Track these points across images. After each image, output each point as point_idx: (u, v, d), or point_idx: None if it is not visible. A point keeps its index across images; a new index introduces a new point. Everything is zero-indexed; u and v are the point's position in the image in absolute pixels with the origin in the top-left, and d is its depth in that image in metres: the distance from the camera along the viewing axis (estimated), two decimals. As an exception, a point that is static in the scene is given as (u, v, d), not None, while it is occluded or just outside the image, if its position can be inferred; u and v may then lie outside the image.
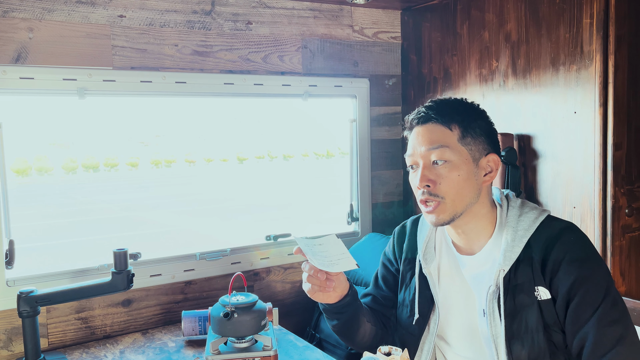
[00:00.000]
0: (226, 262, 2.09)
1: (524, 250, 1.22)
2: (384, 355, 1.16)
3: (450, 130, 1.24)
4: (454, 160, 1.22)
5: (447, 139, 1.23)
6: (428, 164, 1.24)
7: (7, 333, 1.73)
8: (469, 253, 1.31)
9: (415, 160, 1.26)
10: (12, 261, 1.73)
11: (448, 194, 1.22)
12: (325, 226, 2.50)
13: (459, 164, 1.22)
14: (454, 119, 1.25)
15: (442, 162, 1.22)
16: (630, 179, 1.73)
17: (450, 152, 1.22)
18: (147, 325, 1.96)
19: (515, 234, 1.24)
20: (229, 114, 18.75)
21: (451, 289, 1.34)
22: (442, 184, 1.22)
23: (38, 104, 11.37)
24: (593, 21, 1.70)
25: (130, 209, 10.84)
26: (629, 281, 1.76)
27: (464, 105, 1.30)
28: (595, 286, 1.15)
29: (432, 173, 1.23)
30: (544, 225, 1.23)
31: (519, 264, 1.22)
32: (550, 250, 1.19)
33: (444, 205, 1.23)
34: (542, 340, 1.19)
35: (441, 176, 1.22)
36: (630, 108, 1.72)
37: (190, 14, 1.97)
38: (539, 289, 1.20)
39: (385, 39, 2.43)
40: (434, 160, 1.23)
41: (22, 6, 1.70)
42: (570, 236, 1.20)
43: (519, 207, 1.28)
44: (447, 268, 1.35)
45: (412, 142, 1.28)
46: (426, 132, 1.25)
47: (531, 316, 1.19)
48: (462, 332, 1.32)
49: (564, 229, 1.21)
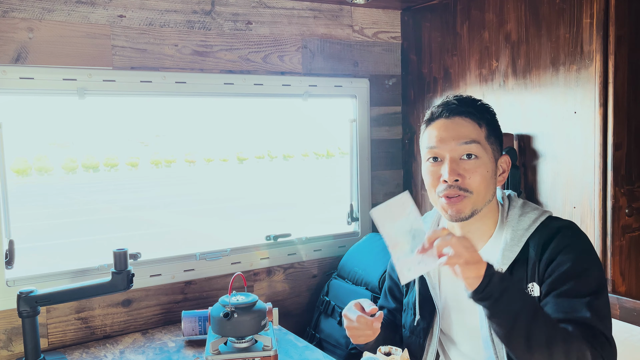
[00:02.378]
0: (226, 262, 2.09)
1: (522, 250, 1.22)
2: (384, 355, 1.16)
3: (480, 128, 1.24)
4: (483, 157, 1.22)
5: (478, 135, 1.23)
6: (456, 158, 1.22)
7: (7, 333, 1.73)
8: None
9: (440, 153, 1.24)
10: (12, 261, 1.73)
11: (476, 189, 1.21)
12: (325, 226, 2.50)
13: (487, 161, 1.23)
14: (484, 116, 1.25)
15: (473, 157, 1.21)
16: (630, 179, 1.73)
17: (481, 148, 1.22)
18: (147, 325, 1.96)
19: (514, 233, 1.24)
20: (229, 114, 18.74)
21: (454, 291, 1.33)
22: (471, 179, 1.21)
23: (38, 104, 11.36)
24: (593, 21, 1.70)
25: (130, 209, 10.83)
26: (629, 281, 1.76)
27: (487, 105, 1.29)
28: (585, 281, 1.14)
29: (460, 167, 1.21)
30: (544, 225, 1.23)
31: (516, 263, 1.22)
32: (546, 248, 1.19)
33: (469, 200, 1.21)
34: None
35: (470, 171, 1.21)
36: (630, 108, 1.72)
37: (190, 14, 1.97)
38: (533, 285, 1.20)
39: (385, 39, 2.43)
40: (463, 155, 1.22)
41: (22, 6, 1.70)
42: (568, 232, 1.20)
43: (520, 207, 1.28)
44: (449, 269, 1.34)
45: (437, 133, 1.24)
46: (456, 126, 1.23)
47: None
48: (465, 332, 1.32)
49: (562, 227, 1.21)
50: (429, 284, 1.36)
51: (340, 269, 2.21)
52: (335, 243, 2.34)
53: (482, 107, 1.27)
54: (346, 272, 2.15)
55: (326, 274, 2.29)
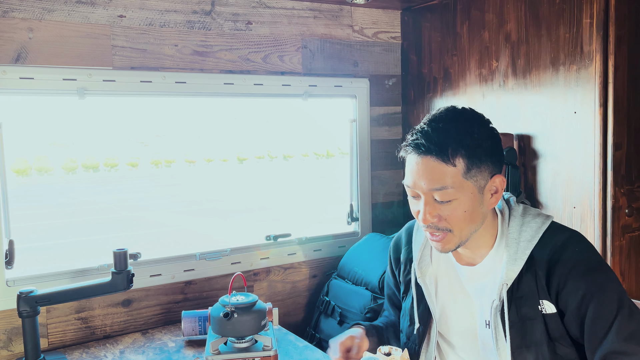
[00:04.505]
0: (226, 262, 2.09)
1: (527, 262, 1.18)
2: (384, 355, 1.16)
3: (455, 167, 1.11)
4: (459, 198, 1.13)
5: (450, 178, 1.12)
6: (430, 200, 1.15)
7: (7, 333, 1.73)
8: (469, 263, 1.28)
9: (416, 193, 1.17)
10: (12, 261, 1.73)
11: (456, 227, 1.16)
12: (325, 226, 2.50)
13: (464, 200, 1.14)
14: (457, 152, 1.11)
15: (446, 202, 1.14)
16: (630, 179, 1.73)
17: (454, 191, 1.12)
18: (147, 325, 1.96)
19: (517, 246, 1.19)
20: (229, 114, 18.73)
21: (451, 299, 1.32)
22: (448, 220, 1.15)
23: (38, 104, 11.36)
24: (593, 21, 1.70)
25: (130, 209, 10.83)
26: (629, 281, 1.76)
27: (468, 125, 1.15)
28: (606, 299, 1.10)
29: (435, 209, 1.14)
30: (547, 236, 1.18)
31: (522, 276, 1.18)
32: (555, 263, 1.15)
33: (451, 236, 1.17)
34: (547, 354, 1.16)
35: (446, 211, 1.14)
36: (630, 108, 1.72)
37: (190, 14, 1.97)
38: (544, 303, 1.16)
39: (385, 39, 2.43)
40: (436, 199, 1.14)
41: (22, 6, 1.70)
42: (575, 247, 1.15)
43: (521, 215, 1.23)
44: (446, 278, 1.33)
45: (411, 171, 1.16)
46: (426, 169, 1.13)
47: (536, 329, 1.17)
48: (463, 339, 1.31)
49: (568, 240, 1.17)
50: (425, 290, 1.34)
51: (340, 269, 2.21)
52: (335, 243, 2.34)
53: (457, 138, 1.12)
54: (346, 272, 2.15)
55: (326, 274, 2.29)
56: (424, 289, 1.34)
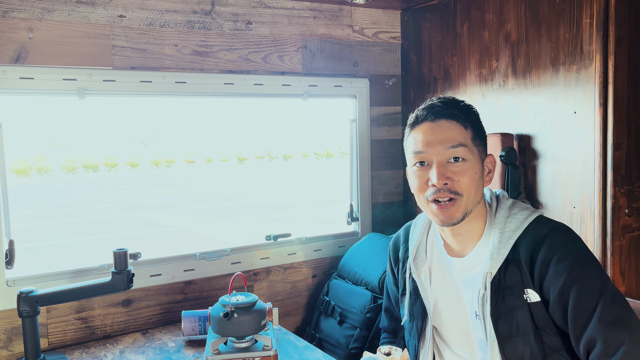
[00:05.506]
0: (226, 262, 2.09)
1: (512, 252, 1.20)
2: (384, 355, 1.16)
3: (466, 130, 1.23)
4: (470, 159, 1.21)
5: (465, 138, 1.22)
6: (443, 162, 1.21)
7: (7, 333, 1.73)
8: (459, 255, 1.30)
9: (427, 157, 1.22)
10: (12, 261, 1.73)
11: (466, 191, 1.20)
12: (326, 226, 2.50)
13: (474, 163, 1.22)
14: (469, 118, 1.24)
15: (460, 160, 1.20)
16: (630, 179, 1.73)
17: (467, 151, 1.21)
18: (147, 325, 1.96)
19: (502, 235, 1.22)
20: (229, 114, 18.73)
21: (443, 292, 1.33)
22: (460, 181, 1.20)
23: (38, 104, 11.37)
24: (593, 21, 1.70)
25: (130, 209, 10.83)
26: (629, 281, 1.76)
27: (471, 106, 1.28)
28: (588, 285, 1.11)
29: (448, 170, 1.20)
30: (533, 227, 1.21)
31: (508, 266, 1.20)
32: (538, 251, 1.17)
33: (460, 202, 1.21)
34: (534, 343, 1.17)
35: (458, 174, 1.20)
36: (630, 108, 1.72)
37: (190, 14, 1.97)
38: (528, 292, 1.18)
39: (385, 39, 2.43)
40: (450, 158, 1.21)
41: (22, 6, 1.70)
42: (558, 236, 1.17)
43: (509, 207, 1.26)
44: (439, 271, 1.34)
45: (423, 137, 1.23)
46: (442, 129, 1.22)
47: (522, 319, 1.18)
48: (457, 333, 1.32)
49: (552, 230, 1.19)
50: (419, 285, 1.36)
51: (340, 269, 2.21)
52: (335, 243, 2.34)
53: (466, 109, 1.26)
54: (346, 272, 2.15)
55: (326, 274, 2.29)
56: (418, 284, 1.36)
